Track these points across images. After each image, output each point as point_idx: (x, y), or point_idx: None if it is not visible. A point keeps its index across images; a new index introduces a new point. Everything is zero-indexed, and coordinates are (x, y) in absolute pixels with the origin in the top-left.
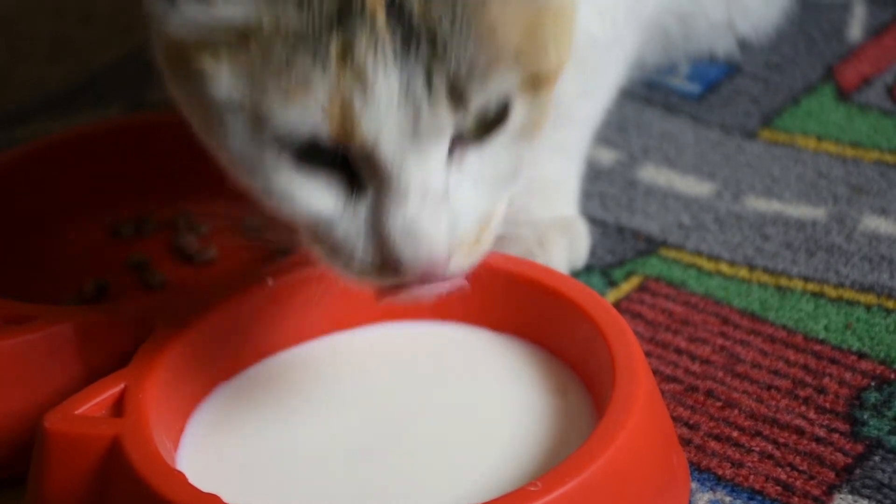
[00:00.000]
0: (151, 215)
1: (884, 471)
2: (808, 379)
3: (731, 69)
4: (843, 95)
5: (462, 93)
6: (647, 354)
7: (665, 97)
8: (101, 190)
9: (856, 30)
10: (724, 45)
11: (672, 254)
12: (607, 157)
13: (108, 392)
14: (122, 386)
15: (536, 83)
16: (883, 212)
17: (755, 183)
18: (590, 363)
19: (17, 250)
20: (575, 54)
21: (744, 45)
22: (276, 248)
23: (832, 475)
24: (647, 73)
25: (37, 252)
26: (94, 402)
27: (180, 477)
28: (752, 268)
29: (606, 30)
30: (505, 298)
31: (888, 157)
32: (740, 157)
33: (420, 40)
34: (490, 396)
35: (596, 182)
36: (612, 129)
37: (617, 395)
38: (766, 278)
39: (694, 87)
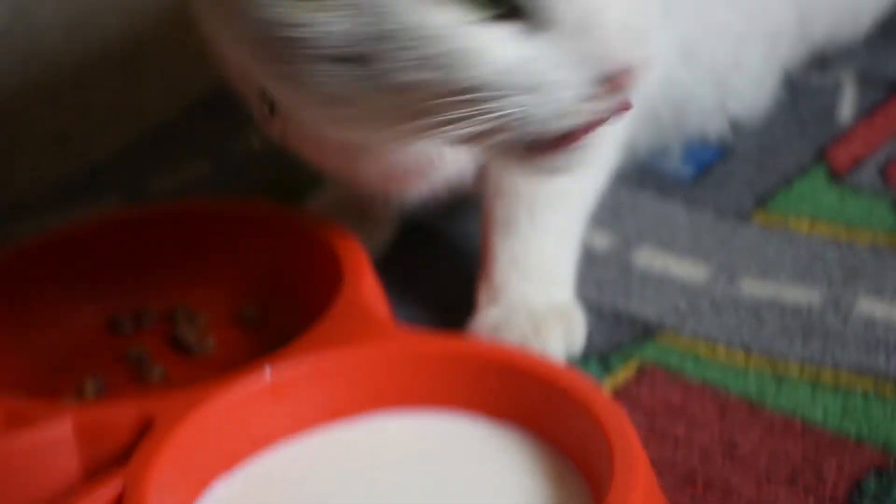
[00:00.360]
0: (149, 307)
1: None
2: (807, 466)
3: (723, 151)
4: (835, 177)
5: None
6: (645, 443)
7: (659, 180)
8: (99, 283)
9: (846, 111)
10: (715, 128)
11: (669, 339)
12: (602, 240)
13: (106, 492)
14: (120, 486)
15: None
16: (878, 294)
17: (750, 266)
18: (588, 453)
19: (16, 343)
20: None
21: (736, 126)
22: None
23: None
24: (639, 155)
25: (35, 345)
26: (93, 501)
27: None
28: (748, 353)
29: None
30: (502, 387)
31: (882, 239)
32: (735, 240)
33: None
34: (488, 485)
35: (592, 266)
36: (607, 213)
37: (615, 486)
38: (763, 363)
39: (687, 170)
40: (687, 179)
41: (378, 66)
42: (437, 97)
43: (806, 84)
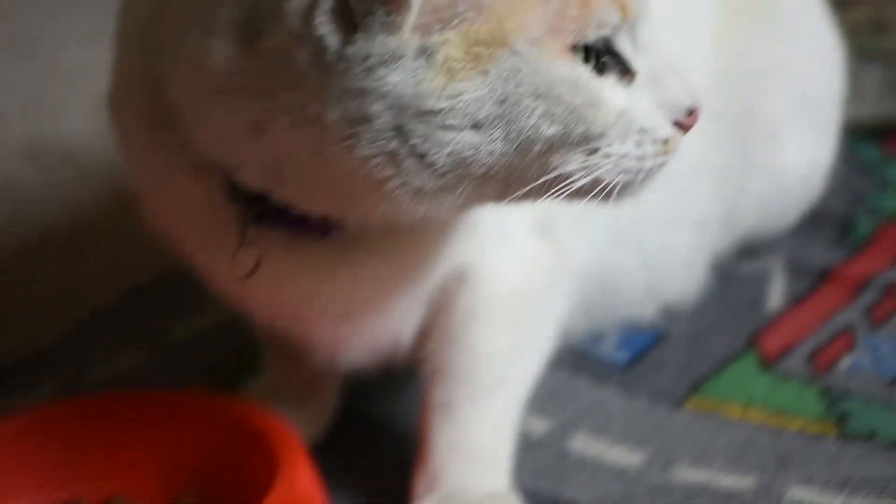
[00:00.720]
0: (83, 499)
1: None
2: None
3: (657, 336)
4: (765, 363)
5: None
6: None
7: (594, 365)
8: (32, 475)
9: (775, 299)
10: (648, 312)
11: None
12: (539, 425)
13: None
14: None
15: None
16: (807, 482)
17: (684, 452)
18: None
19: None
20: (503, 312)
21: (668, 311)
22: None
23: None
24: (575, 340)
25: None
26: None
27: None
28: None
29: (535, 281)
30: None
31: (811, 427)
32: (669, 426)
33: None
34: None
35: (529, 451)
36: (544, 398)
37: None
38: None
39: (622, 355)
40: (621, 365)
41: (512, 126)
42: (564, 150)
43: (736, 272)
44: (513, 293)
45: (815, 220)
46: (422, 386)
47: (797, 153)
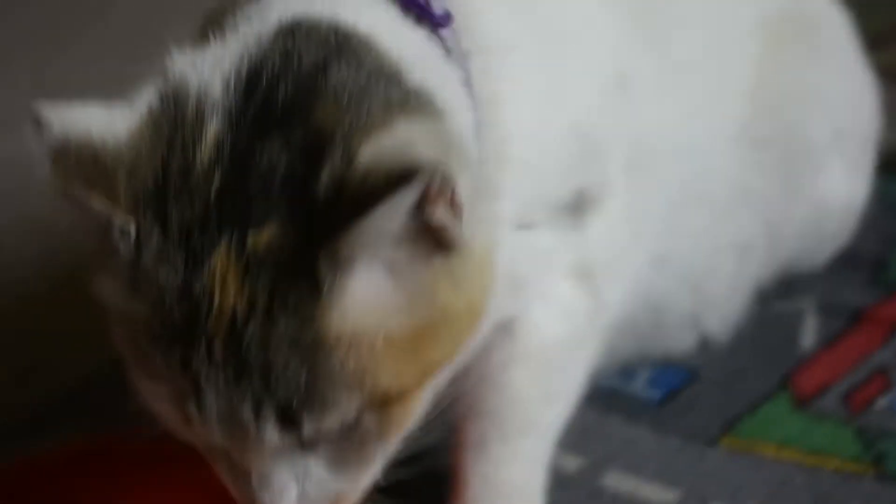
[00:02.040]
0: None
1: None
2: None
3: (689, 375)
4: (799, 403)
5: (293, 419)
6: None
7: (626, 403)
8: None
9: (809, 338)
10: (685, 343)
11: None
12: (571, 463)
13: None
14: None
15: (384, 402)
16: None
17: (718, 491)
18: None
19: None
20: (537, 353)
21: (705, 343)
22: None
23: None
24: (606, 378)
25: None
26: None
27: None
28: None
29: (573, 331)
30: None
31: (848, 466)
32: (702, 465)
33: (252, 372)
34: None
35: (562, 489)
36: (576, 435)
37: None
38: None
39: (654, 393)
40: (654, 403)
41: None
42: None
43: (769, 311)
44: (551, 342)
45: (848, 261)
46: (456, 423)
47: (837, 183)
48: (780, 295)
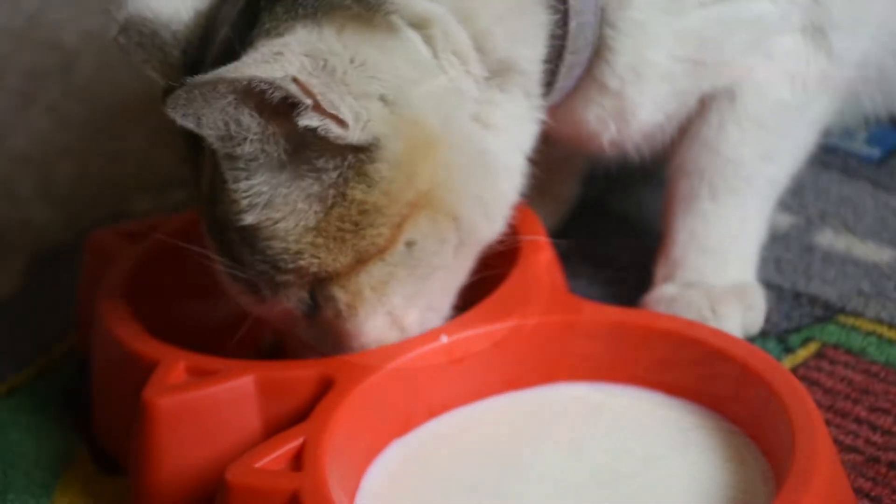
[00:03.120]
0: None
1: None
2: None
3: None
4: None
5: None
6: (826, 423)
7: (843, 161)
8: None
9: None
10: None
11: (851, 321)
12: (783, 221)
13: (287, 446)
14: (301, 440)
15: (326, 280)
16: None
17: None
18: (766, 430)
19: (190, 312)
20: (757, 117)
21: None
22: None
23: None
24: (824, 137)
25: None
26: (274, 456)
27: None
28: None
29: (796, 94)
30: (678, 361)
31: None
32: None
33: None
34: (665, 460)
35: (772, 246)
36: (789, 193)
37: (797, 464)
38: None
39: (873, 152)
40: (873, 161)
41: None
42: None
43: None
44: (773, 104)
45: None
46: (666, 181)
47: None
48: None
